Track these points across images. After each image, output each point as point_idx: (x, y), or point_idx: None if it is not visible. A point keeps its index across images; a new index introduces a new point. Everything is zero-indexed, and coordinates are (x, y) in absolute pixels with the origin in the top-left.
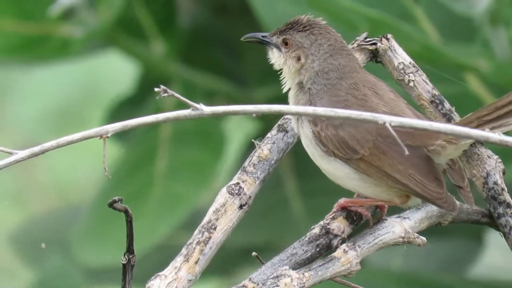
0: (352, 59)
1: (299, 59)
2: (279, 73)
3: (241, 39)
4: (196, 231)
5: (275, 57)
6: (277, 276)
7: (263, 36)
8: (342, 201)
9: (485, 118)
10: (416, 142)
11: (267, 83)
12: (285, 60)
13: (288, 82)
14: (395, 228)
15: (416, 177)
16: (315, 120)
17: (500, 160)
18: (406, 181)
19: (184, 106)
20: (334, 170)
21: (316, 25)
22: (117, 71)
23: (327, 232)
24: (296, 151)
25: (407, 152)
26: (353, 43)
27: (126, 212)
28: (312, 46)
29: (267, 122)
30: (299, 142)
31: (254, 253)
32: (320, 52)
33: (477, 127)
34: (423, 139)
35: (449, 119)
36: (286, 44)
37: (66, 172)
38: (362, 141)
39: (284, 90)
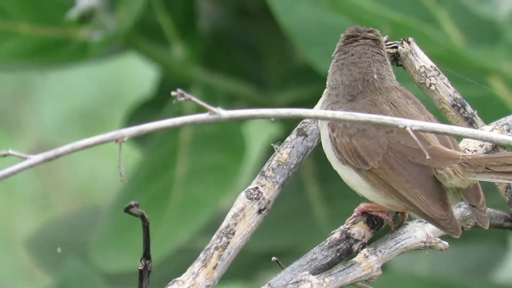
0: (368, 74)
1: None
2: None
3: None
4: (214, 236)
5: None
6: (296, 282)
7: None
8: (362, 205)
9: (493, 169)
10: (426, 162)
11: (289, 87)
12: None
13: None
14: (417, 232)
15: (421, 196)
16: (333, 125)
17: None
18: (411, 199)
19: (202, 110)
20: (348, 177)
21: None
22: (139, 74)
23: (347, 237)
24: (317, 155)
25: (428, 156)
26: None
27: (142, 217)
28: (335, 57)
29: (289, 125)
30: (319, 146)
31: (273, 258)
32: (332, 66)
33: (483, 172)
34: (433, 161)
35: (471, 123)
36: None
37: (90, 174)
38: (373, 154)
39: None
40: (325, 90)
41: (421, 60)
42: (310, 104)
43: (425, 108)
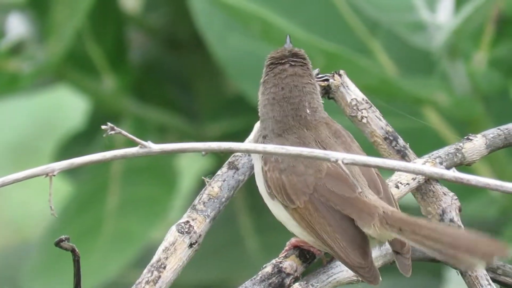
0: (300, 109)
1: None
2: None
3: None
4: (145, 270)
5: None
6: None
7: None
8: (293, 240)
9: (404, 232)
10: (346, 212)
11: (220, 118)
12: None
13: None
14: None
15: (341, 242)
16: (266, 158)
17: (456, 197)
18: (331, 243)
19: (133, 143)
20: (277, 212)
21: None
22: (71, 105)
23: (279, 270)
24: (249, 187)
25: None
26: None
27: (73, 251)
28: (260, 91)
29: (221, 157)
30: (251, 179)
31: None
32: (262, 99)
33: (397, 233)
34: (352, 213)
35: (403, 156)
36: None
37: (22, 207)
38: (299, 193)
39: None
40: (257, 123)
41: (353, 92)
42: (242, 135)
43: (355, 144)
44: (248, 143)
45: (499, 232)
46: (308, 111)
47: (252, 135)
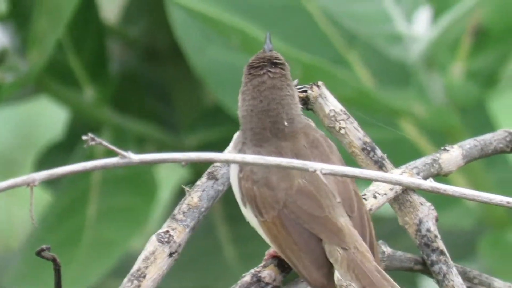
0: (278, 121)
1: None
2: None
3: None
4: (126, 279)
5: None
6: None
7: None
8: (272, 250)
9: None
10: (314, 232)
11: (199, 129)
12: None
13: None
14: None
15: (305, 260)
16: (241, 165)
17: (433, 207)
18: (295, 261)
19: (113, 153)
20: (250, 219)
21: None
22: (51, 116)
23: (258, 280)
24: (227, 197)
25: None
26: None
27: (54, 260)
28: (239, 101)
29: (200, 168)
30: (229, 189)
31: None
32: (241, 110)
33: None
34: (320, 233)
35: (381, 166)
36: None
37: (4, 216)
38: (268, 207)
39: None
40: (236, 133)
41: (331, 103)
42: (221, 145)
43: (334, 156)
44: (227, 154)
45: (474, 243)
46: (286, 123)
47: (231, 145)
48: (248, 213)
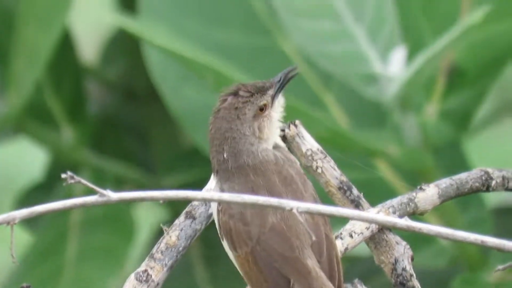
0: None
1: None
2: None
3: None
4: None
5: None
6: None
7: None
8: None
9: None
10: (283, 272)
11: (176, 170)
12: None
13: None
14: None
15: None
16: None
17: (409, 246)
18: None
19: (92, 192)
20: (227, 251)
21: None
22: (30, 157)
23: None
24: (205, 237)
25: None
26: None
27: None
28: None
29: (177, 208)
30: (207, 228)
31: None
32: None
33: None
34: (289, 273)
35: (357, 205)
36: None
37: None
38: (242, 243)
39: None
40: (212, 174)
41: (308, 143)
42: (198, 186)
43: (308, 193)
44: (205, 192)
45: (448, 282)
46: (225, 155)
47: (208, 185)
48: (225, 246)
